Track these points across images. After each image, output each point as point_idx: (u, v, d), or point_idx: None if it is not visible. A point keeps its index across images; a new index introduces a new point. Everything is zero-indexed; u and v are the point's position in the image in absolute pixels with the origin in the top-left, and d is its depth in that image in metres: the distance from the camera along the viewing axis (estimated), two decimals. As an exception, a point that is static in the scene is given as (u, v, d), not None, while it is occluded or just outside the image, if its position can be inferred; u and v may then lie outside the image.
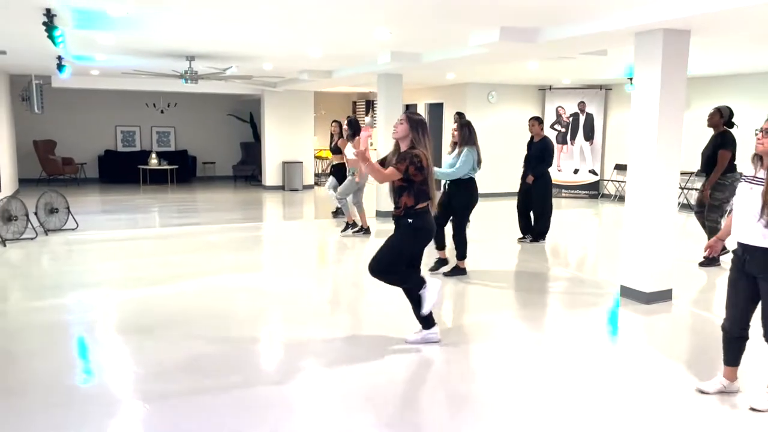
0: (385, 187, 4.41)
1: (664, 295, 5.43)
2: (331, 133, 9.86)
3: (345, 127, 8.57)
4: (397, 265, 4.14)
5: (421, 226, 4.09)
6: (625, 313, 5.19)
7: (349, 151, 8.33)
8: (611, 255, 7.54)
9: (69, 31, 6.64)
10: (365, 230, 8.55)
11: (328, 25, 6.38)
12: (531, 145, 8.04)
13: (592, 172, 13.38)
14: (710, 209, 6.59)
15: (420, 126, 4.08)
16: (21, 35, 7.06)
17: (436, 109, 14.19)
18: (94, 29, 6.66)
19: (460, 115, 9.33)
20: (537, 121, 8.00)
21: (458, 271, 6.31)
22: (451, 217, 6.32)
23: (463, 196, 6.23)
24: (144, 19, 6.09)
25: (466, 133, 6.22)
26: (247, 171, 16.37)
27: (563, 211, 11.41)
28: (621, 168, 12.87)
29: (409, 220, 4.06)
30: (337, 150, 9.85)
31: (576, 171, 13.45)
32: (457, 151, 6.25)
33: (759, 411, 3.29)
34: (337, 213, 10.03)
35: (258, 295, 5.62)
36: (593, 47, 6.48)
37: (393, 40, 6.96)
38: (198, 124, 16.62)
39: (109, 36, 7.15)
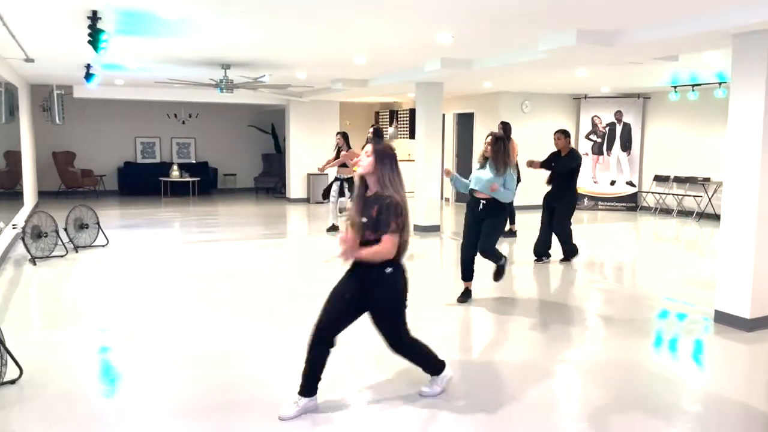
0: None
1: (766, 322, 4.96)
2: (337, 146, 9.40)
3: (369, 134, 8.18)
4: (403, 329, 3.44)
5: (402, 273, 3.35)
6: (728, 342, 4.72)
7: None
8: (676, 273, 7.09)
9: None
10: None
11: (383, 31, 5.98)
12: (556, 159, 7.32)
13: (630, 183, 12.92)
14: None
15: (388, 158, 3.26)
16: (56, 41, 6.67)
17: (465, 119, 13.77)
18: (136, 34, 6.26)
19: (504, 125, 8.82)
20: (563, 135, 7.40)
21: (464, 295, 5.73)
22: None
23: (501, 215, 5.60)
24: (190, 24, 5.69)
25: (500, 147, 5.39)
26: (268, 183, 15.96)
27: (601, 225, 10.96)
28: (661, 179, 12.42)
29: (387, 270, 3.25)
30: (343, 164, 9.30)
31: (613, 182, 12.99)
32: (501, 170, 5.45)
33: None
34: (332, 229, 9.56)
35: (284, 329, 5.13)
36: (679, 50, 6.05)
37: (451, 44, 6.54)
38: (219, 135, 16.24)
39: (149, 42, 6.76)
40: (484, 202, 5.46)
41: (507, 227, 8.97)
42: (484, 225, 5.48)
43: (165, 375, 3.96)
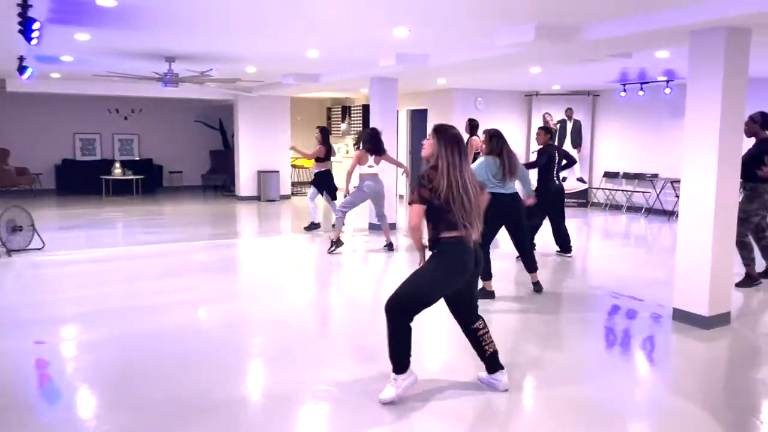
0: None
1: (724, 319, 4.99)
2: (318, 140, 9.35)
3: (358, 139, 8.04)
4: (411, 303, 3.41)
5: (445, 259, 3.40)
6: (686, 339, 4.72)
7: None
8: (635, 270, 7.14)
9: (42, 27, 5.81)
10: (389, 246, 7.92)
11: (338, 25, 5.77)
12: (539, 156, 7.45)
13: (581, 180, 13.08)
14: (738, 222, 5.94)
15: (450, 141, 3.39)
16: (-18, 30, 6.17)
17: (419, 116, 13.66)
18: (72, 24, 5.85)
19: (471, 122, 9.07)
20: (543, 131, 7.47)
21: (485, 294, 5.73)
22: None
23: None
24: (131, 12, 5.33)
25: (495, 144, 5.64)
26: (217, 180, 15.48)
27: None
28: (610, 176, 12.62)
29: (433, 250, 3.44)
30: (324, 157, 9.28)
31: (564, 179, 13.10)
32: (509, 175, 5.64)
33: None
34: (311, 227, 9.38)
35: (246, 332, 4.86)
36: (635, 48, 6.04)
37: (407, 40, 6.38)
38: (163, 131, 15.66)
39: (87, 33, 6.33)
40: None
41: None
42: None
43: (104, 390, 3.65)
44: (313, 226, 9.37)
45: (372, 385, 3.63)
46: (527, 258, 6.04)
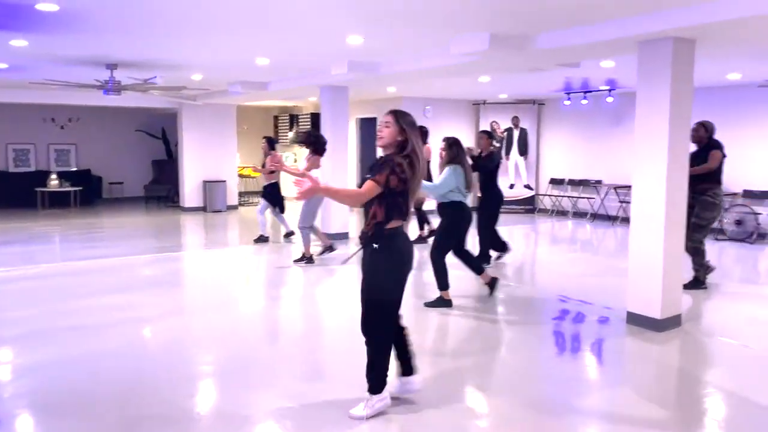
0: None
1: (675, 321, 5.11)
2: (264, 152, 9.07)
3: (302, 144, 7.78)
4: (385, 313, 3.26)
5: (395, 250, 3.23)
6: (640, 342, 4.81)
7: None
8: (591, 274, 7.27)
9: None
10: (309, 259, 7.66)
11: (292, 32, 5.65)
12: (476, 160, 7.30)
13: (528, 187, 13.31)
14: (696, 229, 6.06)
15: (413, 126, 3.26)
16: None
17: (368, 124, 13.63)
18: (7, 29, 5.52)
19: (421, 129, 8.89)
20: (486, 135, 7.55)
21: (442, 303, 5.70)
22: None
23: (445, 220, 5.70)
24: (73, 18, 5.07)
25: (455, 152, 5.67)
26: (160, 191, 14.99)
27: (502, 228, 11.12)
28: (556, 182, 12.90)
29: (374, 245, 3.20)
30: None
31: (512, 186, 13.32)
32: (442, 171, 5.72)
33: None
34: (260, 239, 9.18)
35: (195, 350, 4.64)
36: (584, 57, 6.16)
37: (361, 48, 6.32)
38: (103, 140, 15.09)
39: (23, 38, 6.00)
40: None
41: (417, 233, 8.90)
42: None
43: (44, 417, 3.41)
44: (262, 239, 9.17)
45: (325, 402, 3.53)
46: (471, 261, 6.00)
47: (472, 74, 7.91)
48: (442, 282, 5.69)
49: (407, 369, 3.56)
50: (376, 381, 3.35)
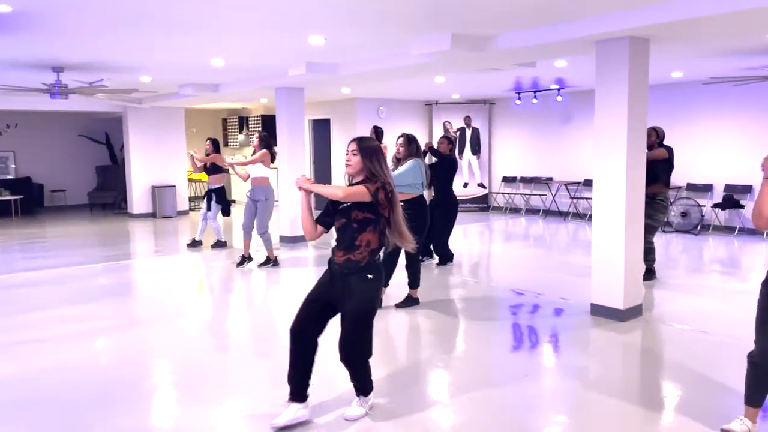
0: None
1: (636, 311, 5.28)
2: (207, 153, 8.81)
3: (255, 142, 7.54)
4: (369, 343, 3.23)
5: (380, 279, 3.23)
6: (605, 333, 4.94)
7: (258, 169, 7.43)
8: (547, 269, 7.42)
9: None
10: (274, 262, 7.60)
11: (250, 32, 5.55)
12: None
13: (481, 185, 13.51)
14: (648, 230, 6.09)
15: (376, 154, 3.17)
16: None
17: (321, 126, 13.55)
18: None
19: (376, 129, 8.93)
20: (446, 140, 7.62)
21: (411, 302, 5.73)
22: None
23: (416, 217, 5.71)
24: (20, 19, 4.83)
25: (414, 148, 5.73)
26: (106, 198, 14.49)
27: (457, 226, 11.24)
28: (508, 180, 13.14)
29: (369, 276, 3.13)
30: (213, 170, 8.74)
31: (465, 185, 13.49)
32: (400, 166, 5.74)
33: None
34: (194, 244, 9.00)
35: (153, 362, 4.52)
36: (542, 57, 6.28)
37: (322, 48, 6.27)
38: (43, 146, 14.46)
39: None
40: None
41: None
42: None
43: (18, 440, 3.24)
44: (219, 244, 8.96)
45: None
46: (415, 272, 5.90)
47: (431, 74, 7.96)
48: (416, 280, 5.70)
49: (303, 393, 3.29)
50: (364, 385, 3.37)
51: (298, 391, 3.26)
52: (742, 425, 3.01)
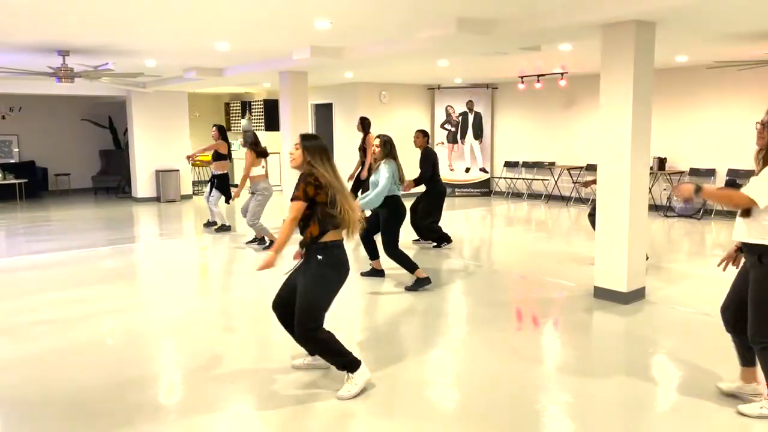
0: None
1: (639, 294, 5.35)
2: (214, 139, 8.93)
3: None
4: (319, 320, 3.43)
5: (333, 263, 3.41)
6: (609, 316, 5.01)
7: (256, 170, 7.57)
8: (549, 253, 7.47)
9: None
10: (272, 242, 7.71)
11: (256, 16, 5.56)
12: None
13: (483, 170, 13.53)
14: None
15: (318, 151, 3.41)
16: None
17: (324, 110, 13.56)
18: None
19: (363, 120, 8.96)
20: (422, 134, 7.66)
21: (420, 283, 5.81)
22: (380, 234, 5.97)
23: (384, 213, 5.84)
24: (22, 1, 4.84)
25: (388, 149, 5.85)
26: (110, 182, 14.53)
27: (459, 211, 11.31)
28: (511, 165, 13.16)
29: (318, 257, 3.37)
30: (217, 156, 8.88)
31: (467, 170, 13.52)
32: (375, 166, 5.86)
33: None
34: (209, 224, 9.23)
35: (163, 342, 4.64)
36: (547, 41, 6.28)
37: (327, 31, 6.27)
38: (47, 131, 14.48)
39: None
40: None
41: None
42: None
43: (13, 419, 3.31)
44: (224, 228, 9.04)
45: (296, 384, 3.55)
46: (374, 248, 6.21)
47: (436, 58, 7.96)
48: (411, 266, 5.81)
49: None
50: (342, 364, 3.48)
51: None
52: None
